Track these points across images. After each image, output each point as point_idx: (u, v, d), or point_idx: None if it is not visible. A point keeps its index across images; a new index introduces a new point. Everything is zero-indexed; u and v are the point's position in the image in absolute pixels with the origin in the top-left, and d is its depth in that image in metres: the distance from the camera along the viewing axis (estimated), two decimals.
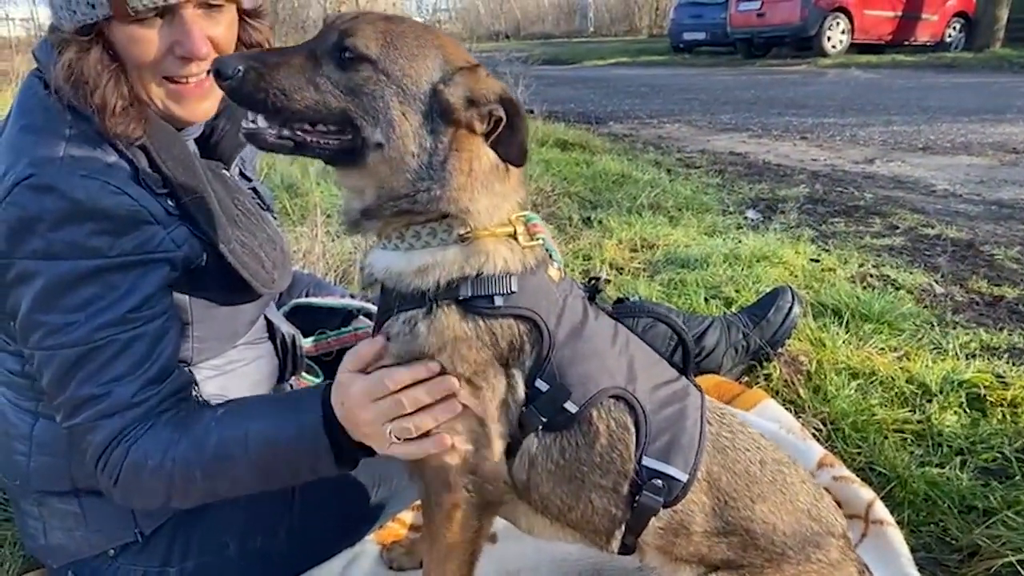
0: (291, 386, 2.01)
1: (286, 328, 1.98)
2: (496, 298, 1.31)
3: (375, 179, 1.29)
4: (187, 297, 1.62)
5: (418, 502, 1.60)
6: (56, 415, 1.50)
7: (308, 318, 2.20)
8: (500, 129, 1.29)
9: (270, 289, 1.73)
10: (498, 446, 1.36)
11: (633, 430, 1.36)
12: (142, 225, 1.47)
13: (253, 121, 1.27)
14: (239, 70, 1.22)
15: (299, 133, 1.26)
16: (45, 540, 1.72)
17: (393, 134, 1.25)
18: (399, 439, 1.35)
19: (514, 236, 1.35)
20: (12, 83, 9.19)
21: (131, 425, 1.45)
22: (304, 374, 2.05)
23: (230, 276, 1.63)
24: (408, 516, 2.03)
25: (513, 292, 1.32)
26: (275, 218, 1.98)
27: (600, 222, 4.69)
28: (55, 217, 1.39)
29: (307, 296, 2.29)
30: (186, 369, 1.64)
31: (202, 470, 1.46)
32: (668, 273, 3.74)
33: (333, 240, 4.03)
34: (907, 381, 2.62)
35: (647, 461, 1.36)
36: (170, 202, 1.54)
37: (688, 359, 1.56)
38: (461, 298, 1.30)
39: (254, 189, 1.92)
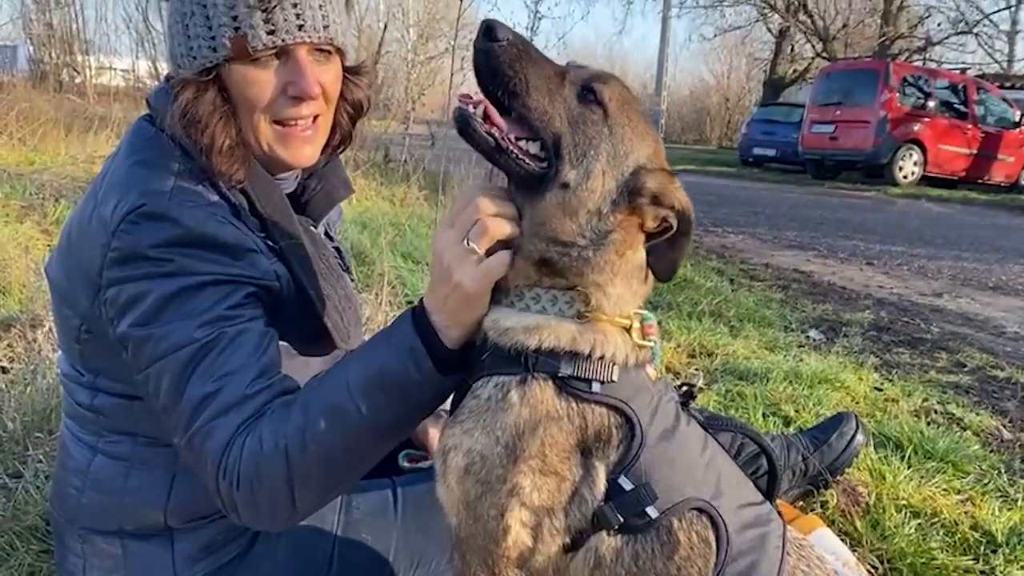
0: None
1: None
2: (594, 383, 1.29)
3: (541, 215, 1.29)
4: None
5: None
6: (173, 436, 1.47)
7: None
8: (663, 238, 1.33)
9: (345, 344, 1.74)
10: (558, 541, 1.30)
11: (714, 547, 1.30)
12: (249, 253, 1.52)
13: (472, 104, 1.26)
14: (508, 39, 1.23)
15: (505, 138, 1.26)
16: None
17: (585, 183, 1.27)
18: (477, 248, 1.28)
19: (628, 330, 1.34)
20: (109, 127, 9.65)
21: (246, 421, 1.41)
22: None
23: (312, 325, 1.66)
24: None
25: (612, 382, 1.29)
26: (352, 280, 2.01)
27: (659, 324, 4.65)
28: (167, 242, 1.45)
29: None
30: None
31: (312, 433, 1.38)
32: (726, 384, 3.68)
33: (396, 309, 4.07)
34: (971, 527, 2.50)
35: None
36: (269, 243, 1.60)
37: (774, 485, 1.50)
38: (559, 375, 1.28)
39: (337, 249, 1.96)
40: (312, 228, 1.83)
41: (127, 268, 1.45)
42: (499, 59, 1.24)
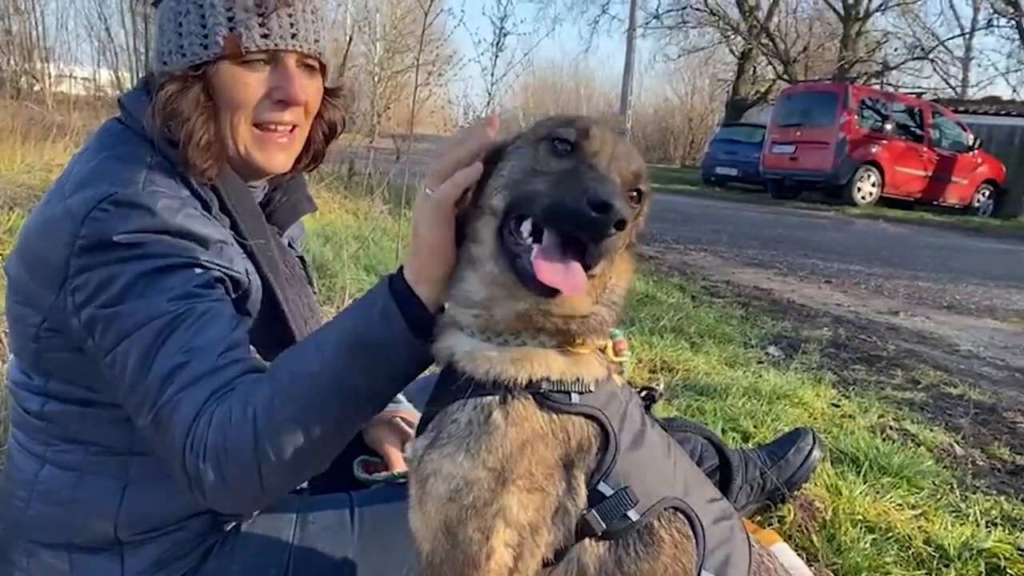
0: None
1: None
2: (573, 395, 1.28)
3: (567, 303, 1.25)
4: None
5: None
6: (139, 416, 1.43)
7: None
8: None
9: None
10: (539, 558, 1.27)
11: (694, 542, 1.31)
12: (219, 244, 1.53)
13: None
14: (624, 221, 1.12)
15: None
16: None
17: (609, 268, 1.25)
18: (429, 190, 1.29)
19: (603, 350, 1.35)
20: (67, 136, 9.49)
21: (217, 392, 1.37)
22: None
23: (275, 328, 1.66)
24: None
25: (590, 391, 1.29)
26: (314, 292, 2.01)
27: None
28: (137, 230, 1.44)
29: None
30: None
31: (282, 398, 1.33)
32: (686, 399, 3.70)
33: None
34: (924, 542, 2.53)
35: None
36: (238, 240, 1.61)
37: (730, 484, 1.52)
38: (540, 391, 1.26)
39: (301, 259, 1.98)
40: (278, 236, 1.84)
41: (96, 255, 1.43)
42: (611, 241, 1.16)
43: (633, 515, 1.27)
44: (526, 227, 1.18)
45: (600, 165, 1.19)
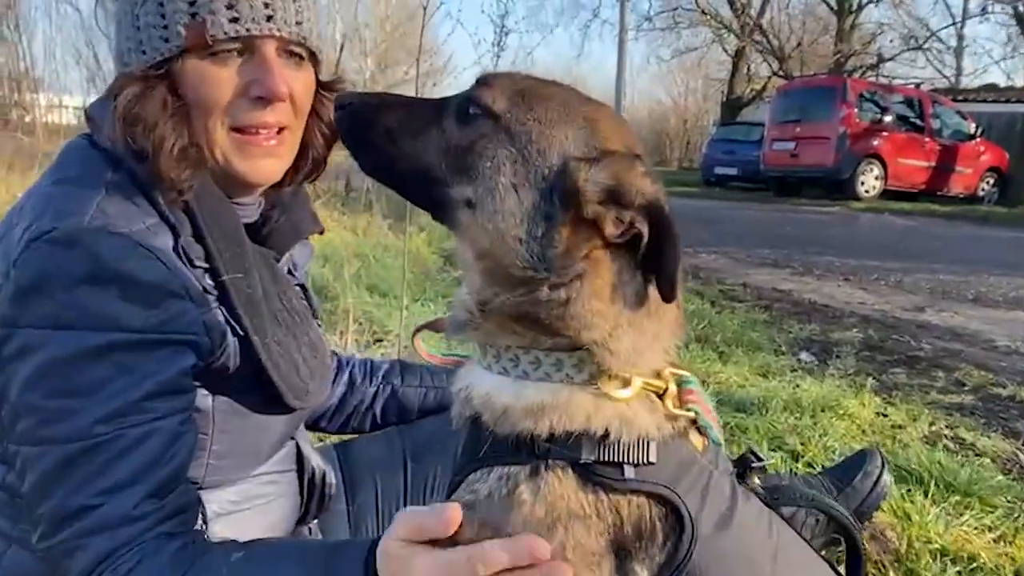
0: (309, 530, 1.69)
1: (317, 461, 1.67)
2: (627, 467, 1.01)
3: (473, 245, 1.07)
4: (209, 401, 1.37)
5: None
6: (32, 532, 1.21)
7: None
8: (643, 247, 1.02)
9: (303, 402, 1.45)
10: None
11: None
12: (170, 298, 1.24)
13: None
14: (356, 101, 1.15)
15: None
16: None
17: (492, 201, 1.02)
18: None
19: (660, 395, 1.07)
20: None
21: (124, 547, 1.15)
22: None
23: (260, 379, 1.38)
24: None
25: (651, 463, 1.02)
26: (320, 324, 1.74)
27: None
28: (73, 277, 1.18)
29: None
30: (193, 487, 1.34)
31: None
32: (723, 416, 3.41)
33: (362, 350, 3.76)
34: (1015, 573, 2.25)
35: None
36: (208, 279, 1.32)
37: (859, 570, 1.24)
38: (581, 461, 1.00)
39: (303, 287, 1.68)
40: (274, 261, 1.55)
41: (22, 306, 1.19)
42: (352, 122, 1.14)
43: None
44: None
45: None
